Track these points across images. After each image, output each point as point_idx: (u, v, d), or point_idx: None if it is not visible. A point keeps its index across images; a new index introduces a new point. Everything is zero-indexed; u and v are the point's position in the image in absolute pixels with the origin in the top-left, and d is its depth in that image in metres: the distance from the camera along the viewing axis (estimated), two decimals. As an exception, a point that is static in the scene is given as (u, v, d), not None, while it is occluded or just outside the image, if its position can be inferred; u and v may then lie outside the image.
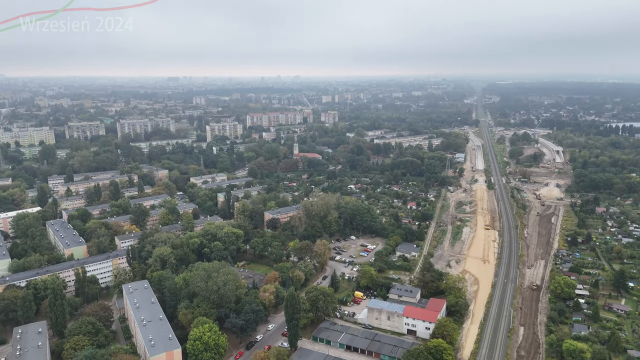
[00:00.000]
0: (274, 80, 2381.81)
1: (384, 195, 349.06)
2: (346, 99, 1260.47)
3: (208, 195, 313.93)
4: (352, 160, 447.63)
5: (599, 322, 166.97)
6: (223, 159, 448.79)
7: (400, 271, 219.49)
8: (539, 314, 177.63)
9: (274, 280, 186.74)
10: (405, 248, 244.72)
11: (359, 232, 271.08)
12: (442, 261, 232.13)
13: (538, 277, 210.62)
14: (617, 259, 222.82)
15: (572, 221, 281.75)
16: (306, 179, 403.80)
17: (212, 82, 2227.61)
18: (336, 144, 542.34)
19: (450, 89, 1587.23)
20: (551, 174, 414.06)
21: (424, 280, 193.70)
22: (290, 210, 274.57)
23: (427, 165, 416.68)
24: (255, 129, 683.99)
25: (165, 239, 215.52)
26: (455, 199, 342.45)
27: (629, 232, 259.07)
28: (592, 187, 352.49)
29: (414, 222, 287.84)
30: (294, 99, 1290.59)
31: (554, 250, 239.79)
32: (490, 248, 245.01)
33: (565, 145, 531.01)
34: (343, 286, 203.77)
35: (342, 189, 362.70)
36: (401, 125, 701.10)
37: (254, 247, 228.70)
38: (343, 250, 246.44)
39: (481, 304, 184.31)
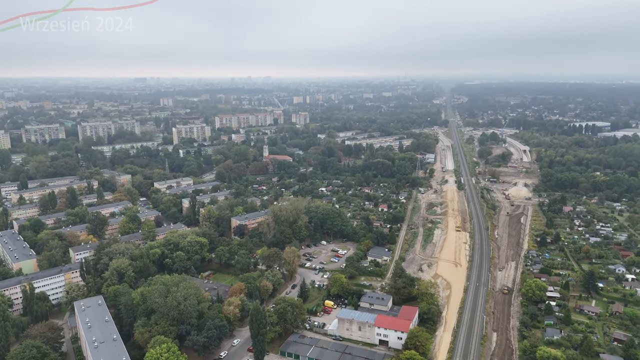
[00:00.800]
0: (245, 81, 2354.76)
1: (356, 198, 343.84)
2: (317, 99, 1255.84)
3: (172, 201, 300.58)
4: (323, 162, 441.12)
5: (571, 325, 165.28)
6: (190, 162, 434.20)
7: (371, 277, 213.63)
8: (511, 319, 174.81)
9: (239, 292, 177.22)
10: (377, 252, 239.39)
11: (330, 236, 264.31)
12: (414, 265, 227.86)
13: (509, 279, 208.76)
14: (586, 258, 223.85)
15: (541, 221, 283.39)
16: (276, 182, 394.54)
17: (180, 83, 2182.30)
18: (307, 145, 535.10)
19: (420, 90, 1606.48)
20: (519, 174, 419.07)
21: (395, 286, 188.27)
22: (258, 216, 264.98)
23: (397, 167, 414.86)
24: (224, 131, 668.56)
25: (124, 249, 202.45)
26: (426, 200, 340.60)
27: (596, 231, 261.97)
28: (558, 186, 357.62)
29: (385, 225, 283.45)
30: (265, 100, 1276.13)
31: (524, 251, 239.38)
32: (461, 250, 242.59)
33: (531, 144, 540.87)
34: (313, 295, 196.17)
35: (313, 191, 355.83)
36: (372, 126, 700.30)
37: (220, 256, 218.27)
38: (314, 256, 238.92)
39: (454, 310, 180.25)
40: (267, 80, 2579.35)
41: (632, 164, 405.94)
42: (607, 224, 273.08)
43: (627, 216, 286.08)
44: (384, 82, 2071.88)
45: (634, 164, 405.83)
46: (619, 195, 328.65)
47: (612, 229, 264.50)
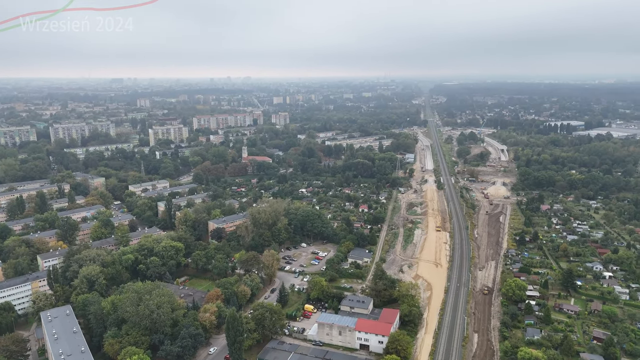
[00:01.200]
0: (224, 82, 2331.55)
1: (336, 199, 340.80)
2: (297, 100, 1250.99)
3: (147, 205, 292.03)
4: (304, 162, 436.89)
5: (551, 324, 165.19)
6: (166, 164, 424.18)
7: (352, 279, 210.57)
8: (492, 319, 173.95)
9: (216, 298, 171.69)
10: (358, 254, 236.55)
11: (310, 238, 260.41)
12: (395, 266, 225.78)
13: (489, 279, 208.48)
14: (564, 257, 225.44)
15: (519, 220, 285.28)
16: (256, 184, 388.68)
17: (158, 84, 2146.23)
18: (287, 146, 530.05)
19: (399, 90, 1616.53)
20: (497, 173, 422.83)
21: (376, 289, 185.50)
22: (236, 219, 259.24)
23: (378, 167, 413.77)
24: (203, 132, 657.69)
25: (95, 256, 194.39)
26: (406, 200, 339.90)
27: (573, 229, 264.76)
28: (536, 185, 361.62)
29: (366, 225, 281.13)
30: (245, 101, 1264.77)
31: (504, 250, 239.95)
32: (442, 250, 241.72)
33: (509, 143, 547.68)
34: (293, 299, 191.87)
35: (293, 193, 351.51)
36: (352, 126, 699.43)
37: (196, 261, 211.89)
38: (293, 259, 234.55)
39: (435, 312, 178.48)
40: (246, 80, 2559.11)
41: (606, 162, 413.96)
42: (583, 222, 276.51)
43: (603, 214, 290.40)
44: (364, 82, 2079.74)
45: (608, 162, 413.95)
46: (595, 193, 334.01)
47: (588, 227, 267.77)
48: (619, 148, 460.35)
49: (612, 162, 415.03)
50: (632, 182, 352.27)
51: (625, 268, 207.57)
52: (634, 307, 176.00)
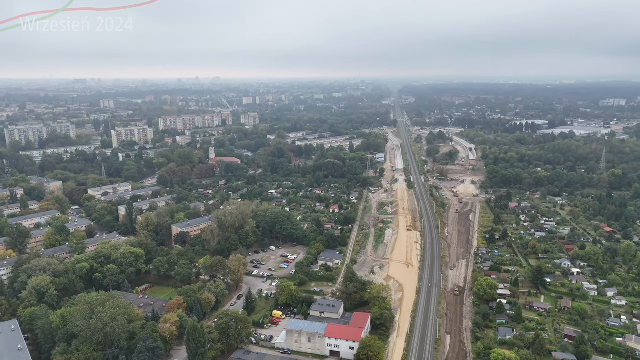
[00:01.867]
0: (192, 82, 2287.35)
1: (306, 199, 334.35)
2: (268, 100, 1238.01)
3: (107, 209, 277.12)
4: (273, 163, 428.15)
5: (522, 323, 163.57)
6: (129, 166, 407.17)
7: (322, 282, 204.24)
8: (464, 319, 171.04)
9: (177, 307, 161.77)
10: (328, 256, 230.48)
11: (280, 241, 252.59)
12: (366, 267, 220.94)
13: (461, 278, 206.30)
14: (533, 254, 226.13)
15: (489, 217, 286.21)
16: (223, 186, 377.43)
17: (124, 84, 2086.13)
18: (256, 146, 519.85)
19: (369, 91, 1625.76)
20: (466, 171, 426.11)
21: (347, 291, 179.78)
22: (202, 222, 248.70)
23: (348, 167, 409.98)
24: (169, 133, 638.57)
25: (46, 265, 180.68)
26: (377, 199, 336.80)
27: (541, 225, 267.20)
28: (503, 183, 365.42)
29: (336, 226, 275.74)
30: (213, 101, 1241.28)
31: (474, 248, 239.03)
32: (413, 250, 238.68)
33: (477, 142, 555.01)
34: (260, 305, 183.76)
35: (262, 194, 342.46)
36: (323, 126, 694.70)
37: (158, 268, 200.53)
38: (262, 263, 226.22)
39: (407, 314, 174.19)
40: (215, 81, 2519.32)
41: (569, 159, 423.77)
42: (550, 219, 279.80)
43: (569, 210, 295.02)
44: (334, 83, 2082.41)
45: (572, 159, 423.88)
46: (560, 190, 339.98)
47: (555, 223, 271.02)
48: (581, 146, 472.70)
49: (576, 159, 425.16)
50: (595, 178, 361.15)
51: (592, 264, 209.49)
52: (602, 303, 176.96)
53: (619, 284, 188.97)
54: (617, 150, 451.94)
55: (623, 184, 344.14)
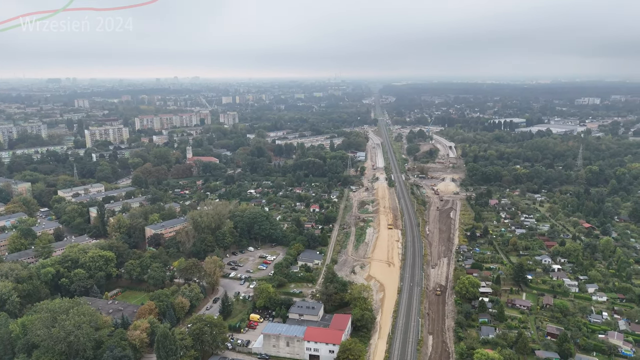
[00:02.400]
0: (171, 82, 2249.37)
1: (286, 199, 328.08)
2: (248, 100, 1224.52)
3: (77, 211, 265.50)
4: (253, 162, 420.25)
5: (505, 321, 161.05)
6: (103, 167, 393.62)
7: (302, 283, 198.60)
8: (446, 319, 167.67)
9: (149, 312, 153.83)
10: (308, 256, 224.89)
11: (258, 242, 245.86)
12: (347, 267, 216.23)
13: (442, 276, 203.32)
14: (514, 251, 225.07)
15: (469, 215, 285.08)
16: (201, 186, 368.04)
17: (100, 84, 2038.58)
18: (235, 146, 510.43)
19: (350, 90, 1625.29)
20: (446, 169, 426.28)
21: (327, 293, 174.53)
22: (177, 223, 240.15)
23: (329, 165, 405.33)
24: (145, 133, 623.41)
25: (8, 270, 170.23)
26: (358, 198, 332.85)
27: (521, 222, 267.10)
28: (483, 180, 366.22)
29: (317, 226, 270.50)
30: (192, 101, 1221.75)
31: (455, 246, 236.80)
32: (394, 249, 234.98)
33: (456, 140, 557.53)
34: (237, 309, 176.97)
35: (241, 194, 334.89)
36: (303, 125, 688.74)
37: (130, 272, 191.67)
38: (239, 264, 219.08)
39: (388, 314, 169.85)
40: (194, 80, 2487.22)
41: (547, 156, 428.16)
42: (530, 215, 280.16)
43: (548, 207, 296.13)
44: (315, 83, 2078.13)
45: (550, 156, 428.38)
46: (539, 186, 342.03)
47: (535, 220, 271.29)
48: (558, 143, 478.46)
49: (553, 156, 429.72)
50: (573, 175, 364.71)
51: (572, 260, 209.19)
52: (583, 299, 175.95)
53: (600, 280, 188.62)
54: (593, 147, 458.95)
55: (600, 180, 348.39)
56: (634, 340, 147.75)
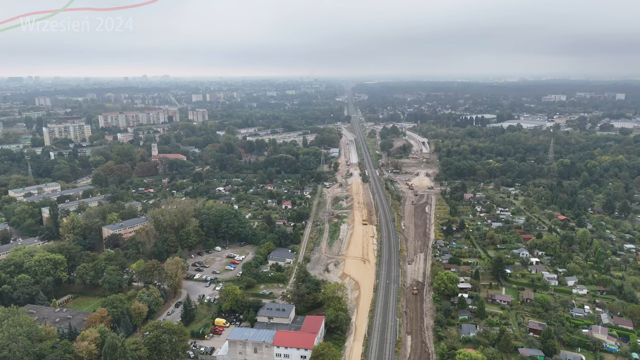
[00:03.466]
0: (139, 80, 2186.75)
1: (257, 196, 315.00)
2: (218, 98, 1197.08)
3: (28, 211, 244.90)
4: (222, 159, 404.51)
5: (485, 318, 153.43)
6: (61, 165, 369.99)
7: (273, 283, 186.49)
8: (425, 317, 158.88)
9: (100, 320, 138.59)
10: (279, 255, 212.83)
11: (226, 241, 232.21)
12: (320, 265, 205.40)
13: (419, 272, 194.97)
14: (491, 244, 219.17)
15: (445, 209, 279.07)
16: (167, 184, 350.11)
17: (64, 83, 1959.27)
18: (204, 143, 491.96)
19: (323, 89, 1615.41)
20: (420, 164, 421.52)
21: (298, 293, 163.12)
22: (137, 223, 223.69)
23: (302, 162, 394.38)
24: (110, 131, 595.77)
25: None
26: (332, 194, 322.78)
27: (497, 216, 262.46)
28: (457, 174, 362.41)
29: (289, 223, 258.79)
30: (161, 99, 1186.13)
31: (432, 241, 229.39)
32: (369, 245, 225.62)
33: (429, 136, 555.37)
34: (202, 313, 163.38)
35: (209, 192, 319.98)
36: (275, 122, 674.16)
37: (82, 276, 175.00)
38: (205, 265, 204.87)
39: (364, 314, 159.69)
40: (164, 79, 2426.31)
41: (519, 150, 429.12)
42: (505, 209, 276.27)
43: (523, 200, 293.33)
44: (288, 81, 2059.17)
45: (521, 150, 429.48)
46: (512, 180, 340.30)
47: (510, 213, 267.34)
48: (530, 137, 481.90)
49: (525, 150, 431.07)
50: (545, 168, 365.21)
51: (550, 253, 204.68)
52: (564, 292, 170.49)
53: (578, 273, 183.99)
54: (563, 141, 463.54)
55: (572, 173, 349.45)
56: (617, 334, 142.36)
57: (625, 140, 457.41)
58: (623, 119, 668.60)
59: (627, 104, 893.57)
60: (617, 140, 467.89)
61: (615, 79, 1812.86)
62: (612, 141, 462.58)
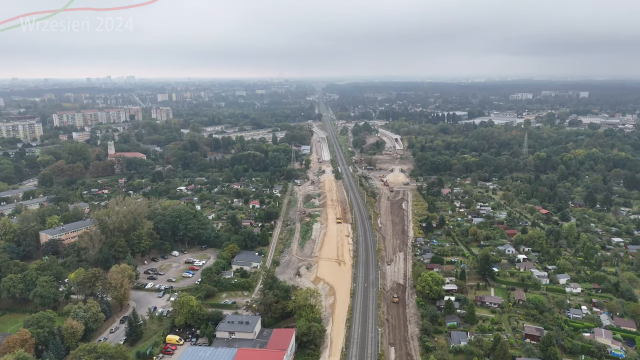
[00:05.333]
0: (103, 82, 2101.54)
1: (222, 196, 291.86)
2: (185, 97, 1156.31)
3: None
4: (185, 157, 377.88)
5: (476, 323, 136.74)
6: (4, 165, 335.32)
7: (236, 291, 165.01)
8: (409, 325, 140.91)
9: (20, 343, 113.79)
10: (245, 258, 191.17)
11: (185, 244, 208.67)
12: (291, 269, 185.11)
13: (400, 274, 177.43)
14: (474, 241, 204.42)
15: (422, 205, 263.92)
16: (123, 184, 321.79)
17: (21, 84, 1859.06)
18: (167, 141, 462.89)
19: (294, 89, 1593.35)
20: (394, 160, 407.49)
21: (265, 302, 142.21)
22: (81, 226, 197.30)
23: (271, 159, 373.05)
24: (65, 130, 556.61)
25: None
26: (303, 192, 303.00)
27: (477, 211, 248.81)
28: (433, 170, 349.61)
29: (256, 223, 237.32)
30: (124, 99, 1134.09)
31: (411, 239, 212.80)
32: (344, 245, 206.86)
33: (402, 133, 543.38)
34: (152, 329, 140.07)
35: (169, 192, 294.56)
36: (244, 120, 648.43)
37: (9, 289, 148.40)
38: (159, 272, 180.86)
39: (340, 324, 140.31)
40: (130, 80, 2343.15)
41: (493, 145, 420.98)
42: (485, 204, 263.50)
43: (502, 194, 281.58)
44: (258, 82, 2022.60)
45: (495, 145, 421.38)
46: (490, 174, 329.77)
47: (491, 208, 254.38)
48: (503, 132, 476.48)
49: (499, 145, 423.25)
50: (521, 162, 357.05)
51: (537, 249, 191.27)
52: (556, 292, 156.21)
53: (569, 269, 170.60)
54: (536, 136, 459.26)
55: (547, 167, 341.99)
56: (622, 337, 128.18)
57: (596, 135, 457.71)
58: (590, 115, 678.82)
59: (592, 101, 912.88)
60: (588, 134, 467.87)
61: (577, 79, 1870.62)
62: (583, 135, 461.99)
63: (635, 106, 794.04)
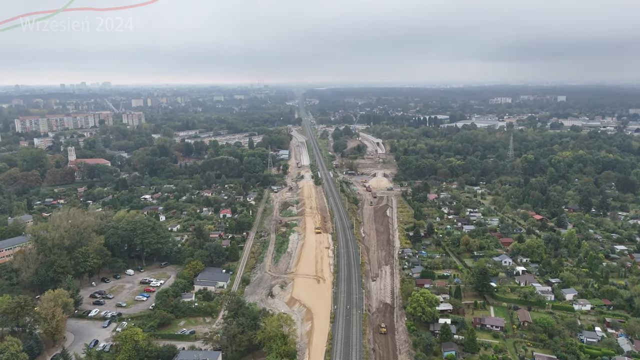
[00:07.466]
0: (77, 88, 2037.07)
1: (191, 204, 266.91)
2: (161, 103, 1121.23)
3: None
4: (153, 164, 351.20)
5: (477, 352, 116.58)
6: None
7: (197, 317, 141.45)
8: (399, 355, 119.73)
9: None
10: (210, 277, 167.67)
11: (143, 261, 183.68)
12: (262, 289, 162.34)
13: (386, 291, 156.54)
14: (467, 251, 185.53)
15: (408, 212, 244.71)
16: (83, 193, 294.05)
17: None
18: (136, 147, 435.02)
19: (273, 94, 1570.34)
20: (377, 164, 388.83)
21: (228, 333, 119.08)
22: (18, 243, 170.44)
23: (246, 164, 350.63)
24: (27, 136, 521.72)
25: None
26: (280, 199, 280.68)
27: (467, 217, 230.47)
28: (417, 174, 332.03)
29: (226, 235, 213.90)
30: (97, 104, 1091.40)
31: (397, 250, 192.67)
32: (324, 259, 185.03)
33: (383, 136, 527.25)
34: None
35: (132, 201, 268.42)
36: (220, 125, 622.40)
37: None
38: (108, 296, 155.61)
39: (319, 357, 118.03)
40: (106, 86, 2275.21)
41: (478, 148, 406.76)
42: (475, 209, 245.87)
43: (491, 199, 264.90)
44: (237, 88, 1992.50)
45: (480, 148, 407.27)
46: (477, 178, 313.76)
47: (481, 214, 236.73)
48: (487, 135, 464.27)
49: (484, 148, 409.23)
50: (508, 165, 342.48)
51: (536, 259, 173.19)
52: (564, 309, 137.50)
53: (575, 283, 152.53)
54: (520, 138, 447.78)
55: (535, 170, 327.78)
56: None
57: (581, 137, 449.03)
58: (571, 118, 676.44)
59: (570, 105, 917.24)
60: (572, 136, 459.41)
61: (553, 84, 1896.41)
62: (567, 137, 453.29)
63: (614, 109, 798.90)
